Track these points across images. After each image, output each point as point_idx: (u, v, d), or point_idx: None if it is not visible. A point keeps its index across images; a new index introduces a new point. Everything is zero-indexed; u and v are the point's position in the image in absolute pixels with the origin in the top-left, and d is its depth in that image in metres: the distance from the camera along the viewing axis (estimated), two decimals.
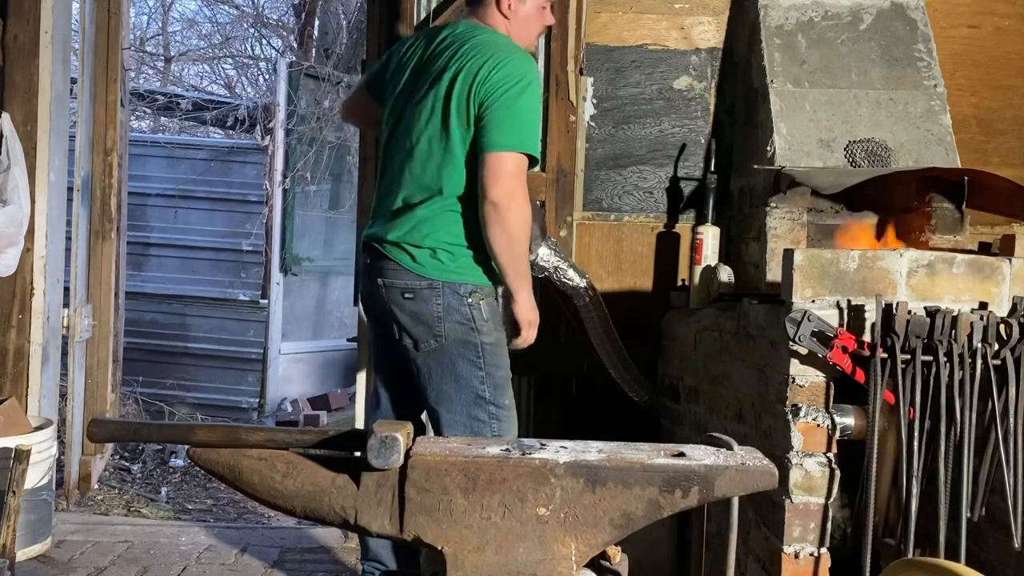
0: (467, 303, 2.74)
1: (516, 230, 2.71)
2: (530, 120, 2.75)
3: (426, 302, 2.74)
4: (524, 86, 2.72)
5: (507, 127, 2.69)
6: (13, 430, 3.57)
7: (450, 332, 2.74)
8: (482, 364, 2.77)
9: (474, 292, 2.76)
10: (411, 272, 2.75)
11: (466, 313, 2.74)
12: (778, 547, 2.54)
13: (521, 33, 2.88)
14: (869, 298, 2.49)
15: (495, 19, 2.86)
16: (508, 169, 2.68)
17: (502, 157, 2.68)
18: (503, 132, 2.69)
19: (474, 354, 2.76)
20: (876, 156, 3.39)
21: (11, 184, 3.89)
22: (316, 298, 8.72)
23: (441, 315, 2.73)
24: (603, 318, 3.63)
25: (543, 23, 2.96)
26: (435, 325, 2.74)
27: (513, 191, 2.68)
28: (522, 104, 2.71)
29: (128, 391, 7.19)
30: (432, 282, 2.73)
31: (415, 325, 2.76)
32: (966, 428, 2.39)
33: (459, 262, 2.75)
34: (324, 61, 10.40)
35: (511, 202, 2.68)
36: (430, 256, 2.74)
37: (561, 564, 1.85)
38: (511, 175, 2.69)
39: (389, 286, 2.78)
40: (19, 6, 4.06)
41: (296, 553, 4.01)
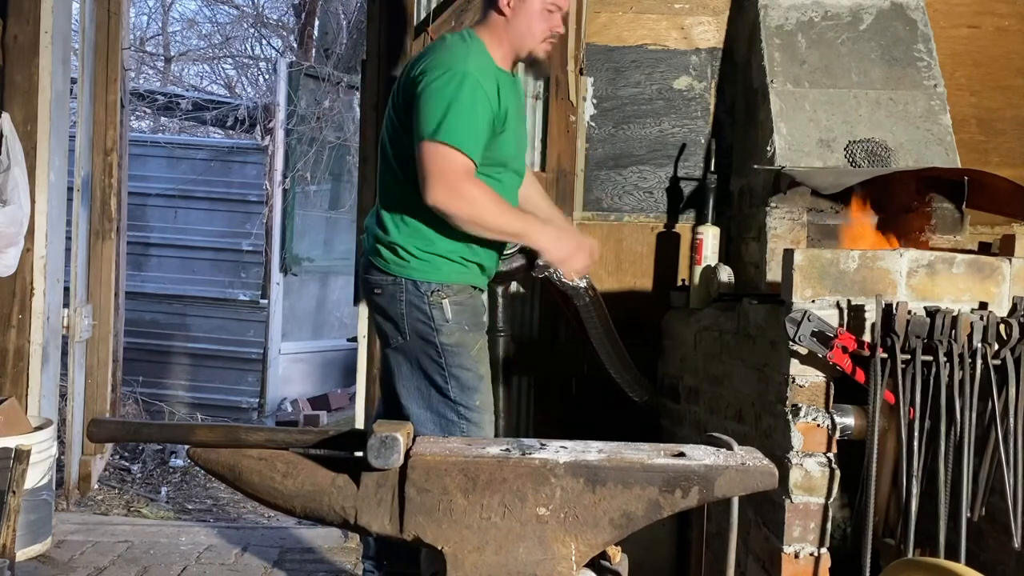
0: (428, 301, 2.73)
1: (472, 215, 2.66)
2: (453, 109, 2.62)
3: (392, 298, 2.76)
4: (458, 78, 2.64)
5: (426, 115, 2.64)
6: (13, 430, 3.57)
7: (412, 330, 2.75)
8: (443, 364, 2.75)
9: (437, 291, 2.74)
10: (379, 269, 2.78)
11: (426, 311, 2.74)
12: (778, 547, 2.54)
13: (520, 33, 2.81)
14: (869, 298, 2.49)
15: (492, 21, 2.83)
16: (433, 166, 2.61)
17: (425, 150, 2.62)
18: (422, 120, 2.64)
19: (435, 353, 2.75)
20: (876, 156, 3.39)
21: (11, 184, 3.89)
22: (316, 298, 8.72)
23: (404, 312, 2.74)
24: (603, 318, 3.62)
25: (549, 26, 2.84)
26: (399, 321, 2.75)
27: (448, 187, 2.62)
28: (441, 91, 2.63)
29: (128, 391, 7.19)
30: (396, 278, 2.75)
31: (384, 321, 2.80)
32: (966, 428, 2.39)
33: (420, 260, 2.74)
34: (324, 61, 10.40)
35: (449, 198, 2.63)
36: (392, 253, 2.76)
37: (561, 564, 1.85)
38: (439, 172, 2.61)
39: (364, 282, 2.84)
40: (19, 6, 4.06)
41: (296, 553, 4.01)
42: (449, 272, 2.76)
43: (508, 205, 2.78)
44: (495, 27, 2.82)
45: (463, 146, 2.63)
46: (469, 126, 2.65)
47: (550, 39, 2.87)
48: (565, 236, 2.87)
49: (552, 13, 2.84)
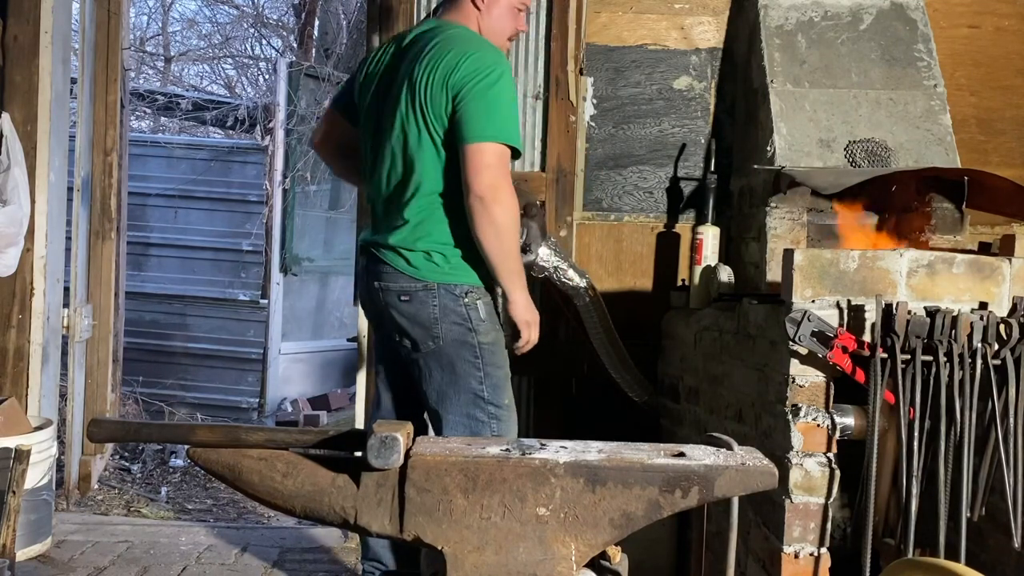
0: (463, 303, 2.73)
1: (503, 223, 2.66)
2: (506, 110, 2.69)
3: (422, 304, 2.73)
4: (497, 76, 2.67)
5: (484, 117, 2.65)
6: (13, 430, 3.57)
7: (447, 333, 2.73)
8: (480, 364, 2.76)
9: (470, 292, 2.74)
10: (406, 275, 2.74)
11: (463, 313, 2.73)
12: (778, 547, 2.54)
13: (492, 29, 2.84)
14: (869, 298, 2.49)
15: (467, 13, 2.83)
16: (488, 161, 2.63)
17: (481, 148, 2.63)
18: (480, 123, 2.64)
19: (472, 354, 2.75)
20: (876, 156, 3.39)
21: (11, 184, 3.89)
22: (316, 298, 8.72)
23: (438, 316, 2.73)
24: (603, 318, 3.63)
25: (515, 26, 2.90)
26: (432, 327, 2.73)
27: (496, 184, 2.63)
28: (495, 94, 2.66)
29: (128, 391, 7.19)
30: (427, 284, 2.72)
31: (413, 327, 2.76)
32: (966, 428, 2.39)
33: (453, 263, 2.73)
34: (324, 61, 10.40)
35: (496, 194, 2.63)
36: (424, 259, 2.73)
37: (561, 564, 1.85)
38: (492, 167, 2.64)
39: (385, 289, 2.78)
40: (19, 6, 4.06)
41: (296, 553, 4.01)
42: (478, 274, 2.77)
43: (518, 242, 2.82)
44: (469, 19, 2.83)
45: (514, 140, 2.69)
46: (516, 120, 2.74)
47: (513, 37, 2.94)
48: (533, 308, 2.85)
49: (520, 12, 2.89)
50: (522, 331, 2.82)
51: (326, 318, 8.84)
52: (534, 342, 2.87)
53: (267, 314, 8.01)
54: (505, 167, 2.68)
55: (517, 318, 2.80)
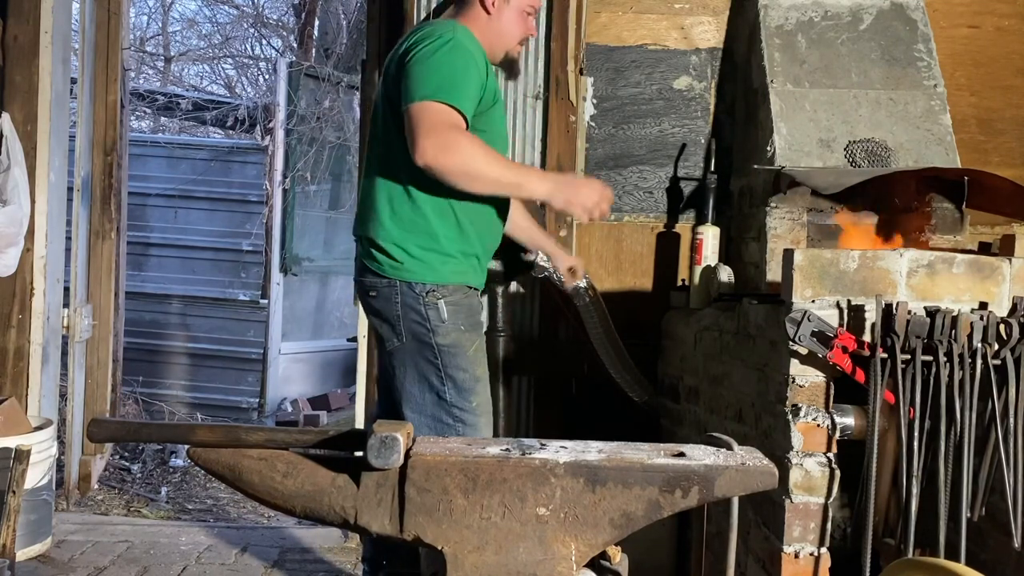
0: (423, 302, 2.70)
1: (463, 166, 2.55)
2: (447, 70, 2.57)
3: (387, 300, 2.73)
4: (442, 43, 2.60)
5: (422, 78, 2.56)
6: (13, 430, 3.58)
7: (408, 331, 2.72)
8: (440, 365, 2.72)
9: (432, 291, 2.70)
10: (373, 271, 2.75)
11: (422, 312, 2.71)
12: (778, 547, 2.54)
13: (501, 33, 2.81)
14: (869, 298, 2.49)
15: (474, 15, 2.81)
16: (424, 121, 2.51)
17: (415, 110, 2.54)
18: (418, 83, 2.56)
19: (432, 354, 2.72)
20: (876, 156, 3.39)
21: (11, 184, 3.89)
22: (316, 298, 8.72)
23: (400, 314, 2.72)
24: (603, 318, 3.63)
25: (525, 30, 2.86)
26: (396, 324, 2.73)
27: (438, 143, 2.51)
28: (443, 58, 2.58)
29: (128, 391, 7.19)
30: (390, 280, 2.72)
31: (381, 324, 2.77)
32: (966, 428, 2.39)
33: (414, 260, 2.71)
34: (324, 61, 10.40)
35: (439, 152, 2.52)
36: (385, 256, 2.72)
37: (561, 564, 1.85)
38: (430, 126, 2.51)
39: (359, 283, 2.82)
40: (19, 6, 4.06)
41: (296, 553, 4.01)
42: (444, 272, 2.73)
43: (502, 156, 2.70)
44: (477, 22, 2.80)
45: (454, 100, 2.56)
46: (460, 84, 2.59)
47: (523, 41, 2.91)
48: (565, 181, 2.77)
49: (529, 16, 2.87)
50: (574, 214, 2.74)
51: (326, 318, 8.84)
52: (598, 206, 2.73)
53: (267, 314, 8.01)
54: (446, 120, 2.54)
55: (560, 208, 2.74)
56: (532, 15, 2.88)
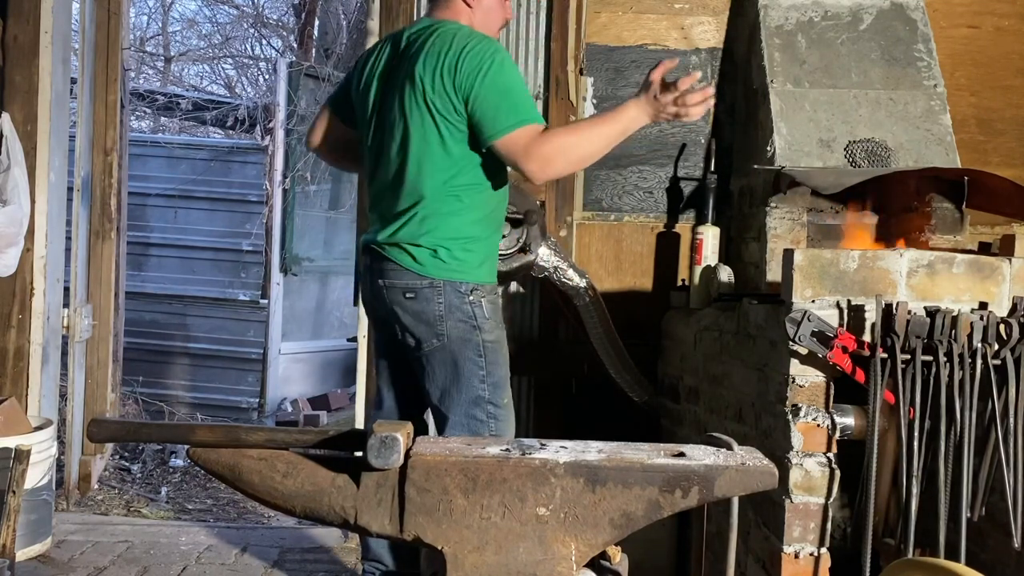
0: (468, 301, 2.73)
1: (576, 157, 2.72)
2: (517, 92, 2.70)
3: (427, 301, 2.72)
4: (499, 63, 2.68)
5: (501, 109, 2.66)
6: (13, 430, 3.57)
7: (452, 331, 2.73)
8: (483, 363, 2.75)
9: (475, 290, 2.74)
10: (411, 271, 2.73)
11: (467, 311, 2.73)
12: (778, 547, 2.54)
13: (484, 23, 2.85)
14: (869, 298, 2.49)
15: (457, 9, 2.84)
16: (523, 144, 2.64)
17: (512, 139, 2.65)
18: (500, 116, 2.65)
19: (476, 352, 2.74)
20: (876, 156, 3.39)
21: (11, 184, 3.89)
22: (316, 298, 8.72)
23: (443, 314, 2.72)
24: (603, 318, 3.63)
25: (504, 15, 2.93)
26: (437, 324, 2.73)
27: (544, 158, 2.65)
28: (504, 80, 2.68)
29: (128, 391, 7.19)
30: (433, 280, 2.72)
31: (417, 324, 2.75)
32: (966, 428, 2.39)
33: (459, 260, 2.73)
34: (324, 61, 10.40)
35: (546, 165, 2.66)
36: (430, 255, 2.72)
37: (561, 564, 1.85)
38: (530, 149, 2.64)
39: (390, 286, 2.77)
40: (19, 6, 4.06)
41: (296, 553, 4.01)
42: (483, 272, 2.77)
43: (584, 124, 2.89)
44: (460, 15, 2.84)
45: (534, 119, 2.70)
46: (529, 98, 2.74)
47: (503, 27, 2.96)
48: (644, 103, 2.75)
49: (505, 1, 2.93)
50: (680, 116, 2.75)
51: (326, 318, 8.84)
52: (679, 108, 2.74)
53: (267, 314, 8.00)
54: (539, 139, 2.67)
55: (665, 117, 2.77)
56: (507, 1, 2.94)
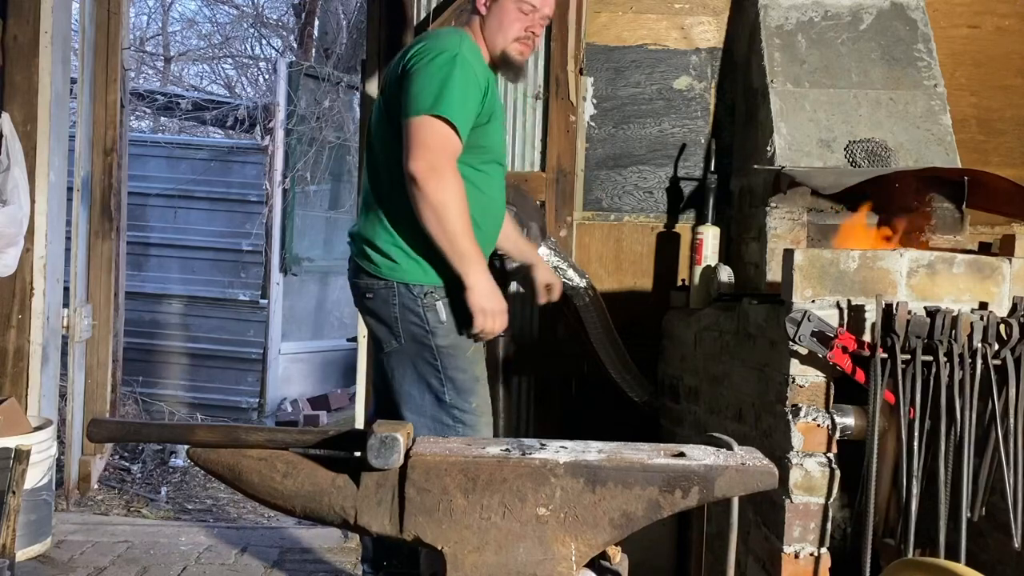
0: (421, 304, 2.70)
1: (441, 204, 2.56)
2: (447, 85, 2.59)
3: (384, 302, 2.72)
4: (446, 57, 2.62)
5: (419, 92, 2.60)
6: (13, 430, 3.57)
7: (406, 333, 2.72)
8: (439, 367, 2.72)
9: (429, 293, 2.70)
10: (369, 273, 2.74)
11: (420, 314, 2.70)
12: (778, 547, 2.54)
13: (492, 29, 2.81)
14: (869, 298, 2.49)
15: (472, 22, 2.84)
16: (422, 137, 2.57)
17: (415, 123, 2.58)
18: (417, 97, 2.60)
19: (430, 356, 2.72)
20: (876, 156, 3.39)
21: (11, 184, 3.89)
22: (316, 298, 8.72)
23: (398, 315, 2.71)
24: (603, 318, 3.63)
25: (523, 27, 2.81)
26: (393, 325, 2.72)
27: (433, 163, 2.57)
28: (435, 69, 2.61)
29: (128, 391, 7.19)
30: (388, 282, 2.72)
31: (378, 325, 2.76)
32: (966, 428, 2.39)
33: (412, 262, 2.70)
34: (324, 61, 10.40)
35: (430, 173, 2.56)
36: (383, 257, 2.72)
37: (561, 564, 1.85)
38: (426, 144, 2.57)
39: (355, 286, 2.80)
40: (19, 6, 4.06)
41: (296, 553, 4.01)
42: (444, 273, 2.71)
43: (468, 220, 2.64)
44: (475, 27, 2.83)
45: (453, 118, 2.59)
46: (460, 103, 2.62)
47: (524, 40, 2.82)
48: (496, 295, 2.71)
49: (527, 15, 2.80)
50: (476, 319, 2.66)
51: (326, 318, 8.84)
52: (493, 332, 2.71)
53: (267, 314, 8.00)
54: (444, 143, 2.59)
55: (472, 305, 2.64)
56: (531, 14, 2.82)
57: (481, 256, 2.68)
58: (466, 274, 2.64)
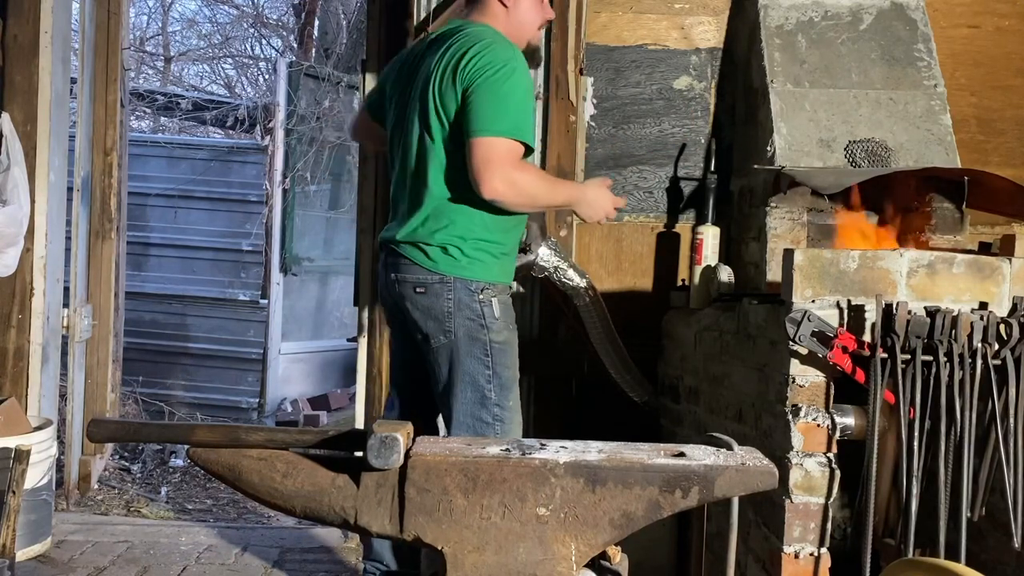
0: (478, 299, 2.72)
1: (530, 197, 2.72)
2: (518, 105, 2.66)
3: (437, 296, 2.72)
4: (510, 71, 2.65)
5: (493, 112, 2.62)
6: (13, 430, 3.57)
7: (460, 328, 2.73)
8: (490, 363, 2.74)
9: (486, 289, 2.73)
10: (423, 267, 2.73)
11: (476, 309, 2.72)
12: (778, 547, 2.54)
13: (521, 23, 2.85)
14: (869, 298, 2.49)
15: (493, 11, 2.83)
16: (496, 156, 2.61)
17: (489, 143, 2.61)
18: (489, 117, 2.62)
19: (482, 351, 2.74)
20: (876, 156, 3.39)
21: (11, 184, 3.89)
22: (316, 298, 8.72)
23: (451, 310, 2.72)
24: (603, 318, 3.62)
25: (543, 16, 2.91)
26: (445, 320, 2.73)
27: (508, 179, 2.62)
28: (507, 88, 2.64)
29: (128, 391, 7.19)
30: (443, 277, 2.72)
31: (426, 320, 2.75)
32: (966, 428, 2.39)
33: (470, 257, 2.73)
34: (324, 61, 10.40)
35: (509, 188, 2.63)
36: (441, 252, 2.72)
37: (561, 564, 1.85)
38: (500, 163, 2.61)
39: (402, 281, 2.78)
40: (19, 6, 4.06)
41: (296, 553, 4.01)
42: (496, 271, 2.77)
43: (553, 179, 3.02)
44: (496, 17, 2.83)
45: (523, 136, 2.67)
46: (526, 118, 2.71)
47: (543, 26, 2.96)
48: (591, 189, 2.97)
49: (543, 1, 2.91)
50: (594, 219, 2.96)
51: (326, 318, 8.84)
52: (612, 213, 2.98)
53: (267, 314, 8.01)
54: (515, 158, 2.66)
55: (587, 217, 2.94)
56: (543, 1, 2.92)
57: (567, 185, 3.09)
58: (573, 206, 2.95)
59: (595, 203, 2.90)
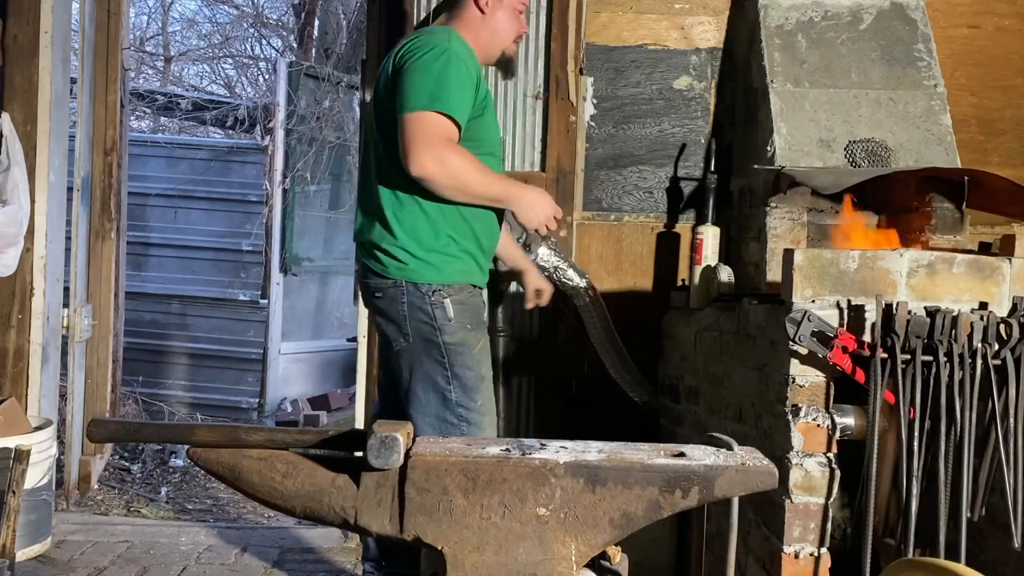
0: (429, 301, 2.72)
1: (459, 182, 2.63)
2: (451, 85, 2.62)
3: (392, 301, 2.75)
4: (439, 51, 2.64)
5: (421, 87, 2.60)
6: (13, 430, 3.57)
7: (415, 331, 2.73)
8: (446, 364, 2.73)
9: (437, 291, 2.73)
10: (377, 273, 2.77)
11: (428, 312, 2.72)
12: (778, 547, 2.54)
13: (495, 31, 2.85)
14: (869, 298, 2.49)
15: (468, 16, 2.84)
16: (421, 132, 2.58)
17: (413, 119, 2.59)
18: (417, 93, 2.60)
19: (438, 353, 2.73)
20: (876, 156, 3.39)
21: (11, 184, 3.89)
22: (316, 298, 8.72)
23: (406, 314, 2.73)
24: (603, 318, 3.63)
25: (518, 28, 2.90)
26: (402, 324, 2.74)
27: (436, 155, 2.59)
28: (439, 68, 2.62)
29: (128, 391, 7.19)
30: (396, 281, 2.74)
31: (387, 324, 2.78)
32: (966, 428, 2.39)
33: (418, 260, 2.73)
34: (324, 61, 10.40)
35: (437, 166, 2.59)
36: (389, 257, 2.74)
37: (561, 564, 1.85)
38: (428, 138, 2.58)
39: (364, 287, 2.83)
40: (19, 6, 4.06)
41: (296, 553, 4.01)
42: (449, 271, 2.75)
43: (489, 170, 2.75)
44: (470, 23, 2.84)
45: (449, 110, 2.62)
46: (457, 96, 2.64)
47: (517, 39, 2.93)
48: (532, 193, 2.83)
49: (520, 13, 2.91)
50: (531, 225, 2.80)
51: (326, 318, 8.84)
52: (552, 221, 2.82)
53: (267, 314, 8.00)
54: (442, 133, 2.61)
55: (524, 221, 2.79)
56: (523, 13, 2.93)
57: (505, 180, 2.82)
58: (507, 203, 2.78)
59: (536, 206, 2.79)
